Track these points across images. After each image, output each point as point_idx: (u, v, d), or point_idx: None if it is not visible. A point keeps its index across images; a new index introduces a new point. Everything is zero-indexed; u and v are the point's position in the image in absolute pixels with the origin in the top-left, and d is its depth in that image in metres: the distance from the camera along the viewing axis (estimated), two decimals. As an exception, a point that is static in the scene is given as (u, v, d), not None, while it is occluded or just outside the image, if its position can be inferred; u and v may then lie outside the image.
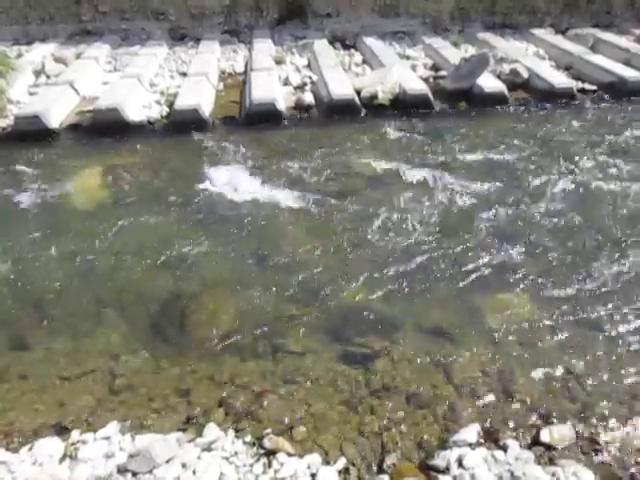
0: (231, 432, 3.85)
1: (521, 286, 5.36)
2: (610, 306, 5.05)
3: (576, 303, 5.11)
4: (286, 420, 3.99)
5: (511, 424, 3.96)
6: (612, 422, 3.93)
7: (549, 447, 3.73)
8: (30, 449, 3.69)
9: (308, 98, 9.85)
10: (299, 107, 9.75)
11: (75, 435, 3.80)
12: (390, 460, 3.69)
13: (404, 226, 6.32)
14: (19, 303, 5.22)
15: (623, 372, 4.36)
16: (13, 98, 9.47)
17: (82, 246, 6.04)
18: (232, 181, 7.38)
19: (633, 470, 3.58)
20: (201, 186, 7.25)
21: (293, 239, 6.12)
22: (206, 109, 9.30)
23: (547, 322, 4.90)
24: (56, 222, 6.50)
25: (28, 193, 7.13)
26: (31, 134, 8.40)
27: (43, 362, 4.56)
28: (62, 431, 3.89)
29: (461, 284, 5.39)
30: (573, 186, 7.17)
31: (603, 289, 5.27)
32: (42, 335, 4.85)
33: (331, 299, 5.23)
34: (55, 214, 6.67)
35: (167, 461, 3.51)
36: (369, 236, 6.15)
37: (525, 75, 10.66)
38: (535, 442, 3.80)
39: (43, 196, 7.04)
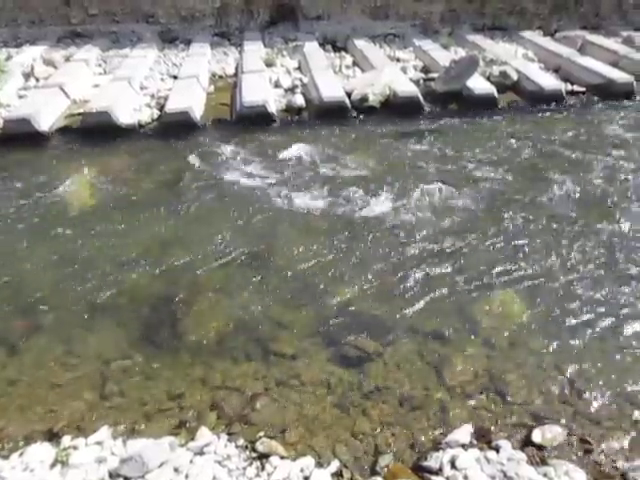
0: (224, 436, 3.83)
1: (514, 288, 5.38)
2: (604, 309, 5.07)
3: (569, 305, 5.13)
4: (279, 423, 3.98)
5: (503, 425, 3.97)
6: (603, 422, 3.95)
7: (541, 447, 3.75)
8: (21, 455, 3.65)
9: (299, 100, 9.86)
10: (290, 109, 9.77)
11: (66, 440, 3.77)
12: (383, 462, 3.69)
13: (397, 228, 6.33)
14: (8, 308, 5.18)
15: (615, 373, 4.38)
16: (2, 101, 9.40)
17: (72, 250, 6.00)
18: (223, 183, 7.38)
19: (624, 469, 3.60)
20: (192, 188, 7.24)
21: (286, 241, 6.12)
22: (197, 112, 9.28)
23: (540, 324, 4.92)
24: (46, 226, 6.46)
25: (18, 197, 7.08)
26: (21, 137, 8.33)
27: (33, 367, 4.52)
28: (53, 437, 3.85)
29: (454, 285, 5.41)
30: (568, 187, 7.21)
31: (598, 291, 5.30)
32: (32, 340, 4.81)
33: (324, 301, 5.23)
34: (45, 218, 6.62)
35: (159, 465, 3.49)
36: (362, 238, 6.16)
37: (514, 77, 10.72)
38: (527, 442, 3.81)
39: (33, 200, 6.99)
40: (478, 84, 10.23)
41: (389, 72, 10.42)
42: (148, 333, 4.89)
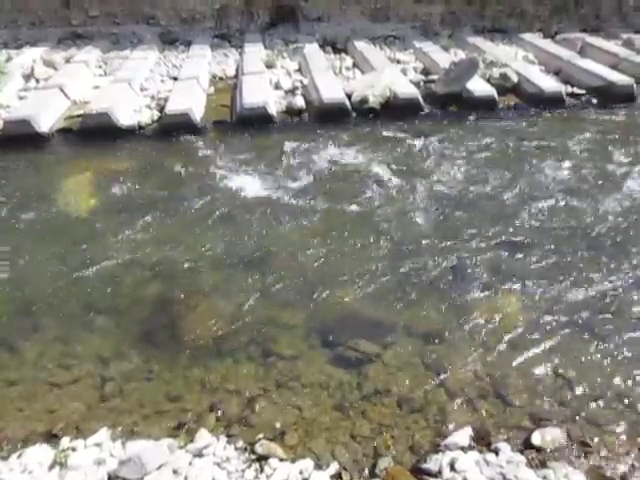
0: (223, 438, 3.83)
1: (514, 289, 5.38)
2: (604, 310, 5.07)
3: (569, 306, 5.13)
4: (278, 425, 3.98)
5: (503, 427, 3.96)
6: (603, 425, 3.95)
7: (540, 450, 3.75)
8: (19, 457, 3.65)
9: (299, 102, 9.86)
10: (290, 111, 9.75)
11: (65, 442, 3.76)
12: (382, 464, 3.68)
13: (397, 229, 6.33)
14: (7, 309, 5.17)
15: (615, 376, 4.38)
16: (2, 102, 9.40)
17: (72, 251, 6.00)
18: (222, 184, 7.38)
19: (624, 472, 3.60)
20: (192, 190, 7.24)
21: (285, 242, 6.12)
22: (197, 113, 9.28)
23: (540, 325, 4.92)
24: (46, 227, 6.46)
25: (17, 198, 7.08)
26: (21, 139, 8.32)
27: (32, 368, 4.52)
28: (52, 438, 3.84)
29: (453, 287, 5.41)
30: (568, 188, 7.21)
31: (597, 292, 5.30)
32: (31, 340, 4.81)
33: (324, 303, 5.22)
34: (45, 219, 6.62)
35: (158, 467, 3.49)
36: (362, 239, 6.16)
37: (515, 79, 10.72)
38: (526, 445, 3.80)
39: (33, 201, 6.98)
40: (478, 86, 10.23)
41: (389, 74, 10.42)
42: (147, 334, 4.89)
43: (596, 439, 3.84)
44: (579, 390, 4.26)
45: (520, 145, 8.59)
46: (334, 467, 3.65)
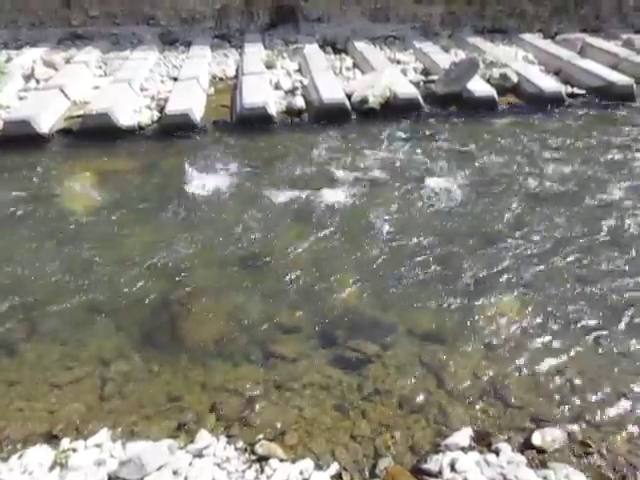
0: (223, 438, 3.82)
1: (515, 290, 5.37)
2: (604, 312, 5.06)
3: (569, 308, 5.12)
4: (278, 425, 3.97)
5: (503, 428, 3.96)
6: (604, 425, 3.94)
7: (541, 450, 3.74)
8: (20, 457, 3.64)
9: (299, 102, 9.86)
10: (290, 111, 9.76)
11: (65, 443, 3.76)
12: (382, 464, 3.67)
13: (398, 230, 6.32)
14: (7, 309, 5.17)
15: (615, 376, 4.38)
16: (2, 103, 9.40)
17: (72, 252, 5.99)
18: (223, 184, 7.38)
19: (624, 472, 3.59)
20: (192, 190, 7.24)
21: (285, 242, 6.11)
22: (197, 113, 9.28)
23: (541, 327, 4.91)
24: (46, 228, 6.45)
25: (17, 199, 7.07)
26: (21, 139, 8.32)
27: (32, 369, 4.51)
28: (52, 439, 3.84)
29: (454, 288, 5.40)
30: (569, 189, 7.22)
31: (598, 295, 5.29)
32: (31, 341, 4.80)
33: (323, 303, 5.22)
34: (45, 220, 6.61)
35: (158, 468, 3.48)
36: (362, 240, 6.16)
37: (515, 79, 10.74)
38: (527, 445, 3.80)
39: (32, 202, 6.98)
40: (478, 86, 10.24)
41: (389, 74, 10.42)
42: (147, 335, 4.88)
43: (597, 439, 3.83)
44: (580, 390, 4.25)
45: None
46: (334, 467, 3.64)
